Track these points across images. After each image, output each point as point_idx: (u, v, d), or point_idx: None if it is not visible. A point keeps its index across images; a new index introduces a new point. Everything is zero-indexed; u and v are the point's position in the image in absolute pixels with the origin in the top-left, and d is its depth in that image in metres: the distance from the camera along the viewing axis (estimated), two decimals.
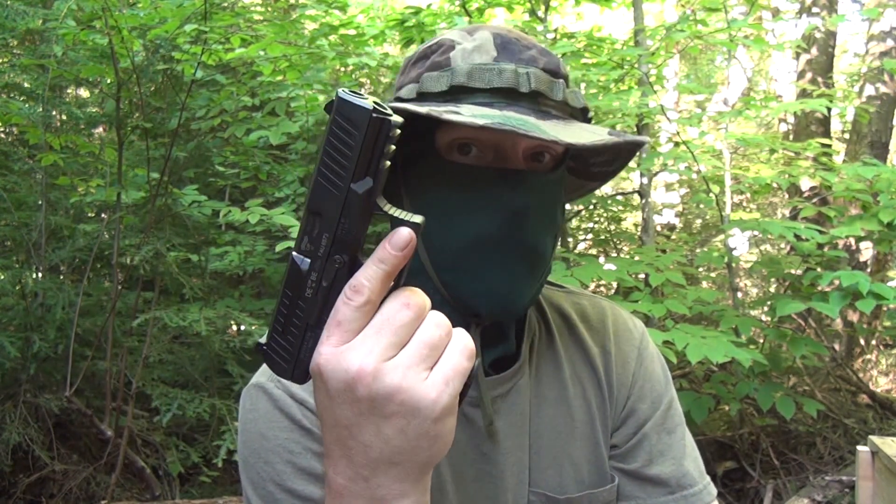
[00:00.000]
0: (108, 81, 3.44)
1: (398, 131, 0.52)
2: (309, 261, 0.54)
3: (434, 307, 0.77)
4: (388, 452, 0.53)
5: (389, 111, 0.52)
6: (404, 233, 0.53)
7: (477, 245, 0.73)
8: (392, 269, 0.53)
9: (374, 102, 0.51)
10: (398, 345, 0.52)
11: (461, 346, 0.54)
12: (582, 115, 0.78)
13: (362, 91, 0.78)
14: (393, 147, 0.52)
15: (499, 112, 0.69)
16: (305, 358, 0.56)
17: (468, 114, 0.67)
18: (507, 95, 0.72)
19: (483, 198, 0.72)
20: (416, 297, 0.54)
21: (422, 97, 0.75)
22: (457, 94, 0.73)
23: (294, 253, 0.55)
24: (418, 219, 0.54)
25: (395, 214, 0.54)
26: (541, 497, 0.80)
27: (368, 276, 0.52)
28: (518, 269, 0.73)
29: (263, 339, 0.58)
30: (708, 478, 0.88)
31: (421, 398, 0.51)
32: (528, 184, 0.72)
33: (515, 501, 0.79)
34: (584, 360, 0.88)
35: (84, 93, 4.49)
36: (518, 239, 0.73)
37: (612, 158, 0.84)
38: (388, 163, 0.53)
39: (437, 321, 0.54)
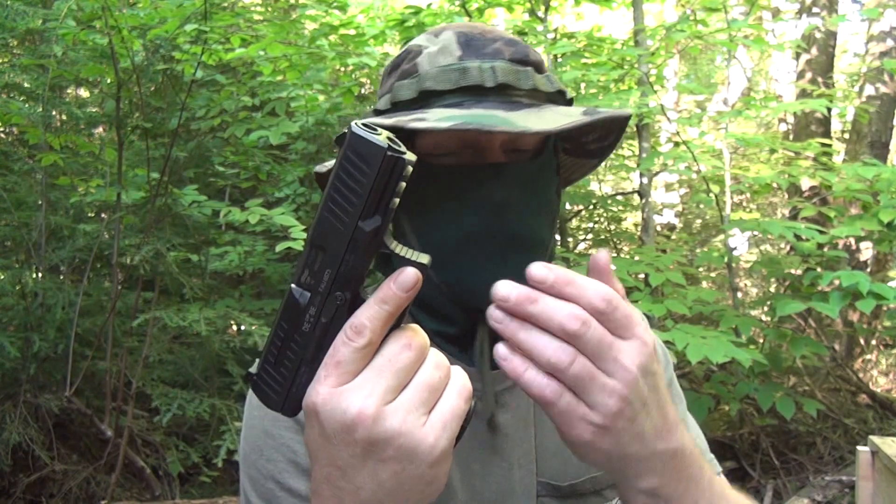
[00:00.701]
0: (108, 81, 3.44)
1: (411, 169, 0.51)
2: (309, 295, 0.53)
3: (440, 308, 0.78)
4: (380, 495, 0.52)
5: (403, 148, 0.51)
6: (410, 273, 0.52)
7: (468, 242, 0.73)
8: (395, 310, 0.52)
9: (388, 139, 0.50)
10: (398, 388, 0.52)
11: (458, 387, 0.54)
12: (561, 97, 0.78)
13: (371, 118, 0.76)
14: (404, 185, 0.51)
15: (466, 111, 0.69)
16: (298, 393, 0.55)
17: (434, 118, 0.68)
18: (474, 93, 0.73)
19: (466, 195, 0.73)
20: (417, 339, 0.53)
21: (395, 107, 0.76)
22: (426, 98, 0.74)
23: (293, 285, 0.53)
24: (425, 258, 0.53)
25: (402, 254, 0.53)
26: (546, 486, 0.80)
27: (371, 316, 0.51)
28: (512, 259, 0.73)
29: (254, 369, 0.57)
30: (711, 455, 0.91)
31: (419, 443, 0.51)
32: (507, 175, 0.73)
33: (524, 493, 0.79)
34: None
35: (84, 93, 4.49)
36: (506, 230, 0.73)
37: (605, 134, 0.84)
38: (398, 200, 0.52)
39: (437, 361, 0.54)
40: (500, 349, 0.56)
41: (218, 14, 3.05)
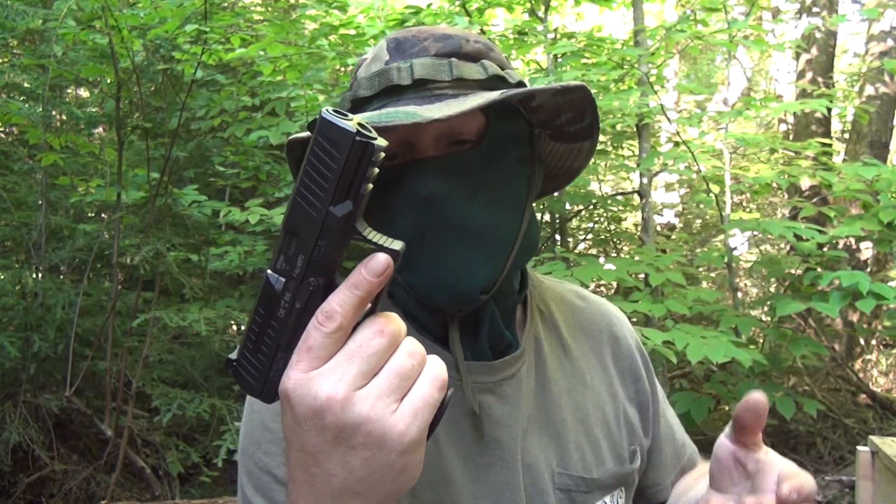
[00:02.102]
0: (108, 81, 3.44)
1: (382, 154, 0.51)
2: (284, 280, 0.53)
3: (412, 309, 0.78)
4: (351, 482, 0.52)
5: (374, 134, 0.51)
6: (381, 258, 0.52)
7: (413, 240, 0.72)
8: (366, 295, 0.52)
9: (359, 124, 0.50)
10: (369, 374, 0.52)
11: (432, 376, 0.53)
12: (501, 81, 0.77)
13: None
14: (376, 170, 0.51)
15: (379, 112, 0.70)
16: (275, 378, 0.55)
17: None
18: (392, 93, 0.74)
19: (401, 193, 0.73)
20: (390, 325, 0.53)
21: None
22: (359, 106, 0.76)
23: (269, 271, 0.53)
24: (398, 245, 0.53)
25: (375, 240, 0.53)
26: (573, 479, 0.81)
27: (341, 301, 0.52)
28: (457, 252, 0.73)
29: (234, 356, 0.57)
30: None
31: (388, 430, 0.51)
32: (440, 168, 0.72)
33: (535, 485, 0.79)
34: (591, 344, 0.90)
35: (84, 93, 4.49)
36: (444, 223, 0.72)
37: (578, 115, 0.82)
38: (371, 186, 0.52)
39: (410, 350, 0.53)
40: None
41: (218, 14, 3.05)
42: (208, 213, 3.50)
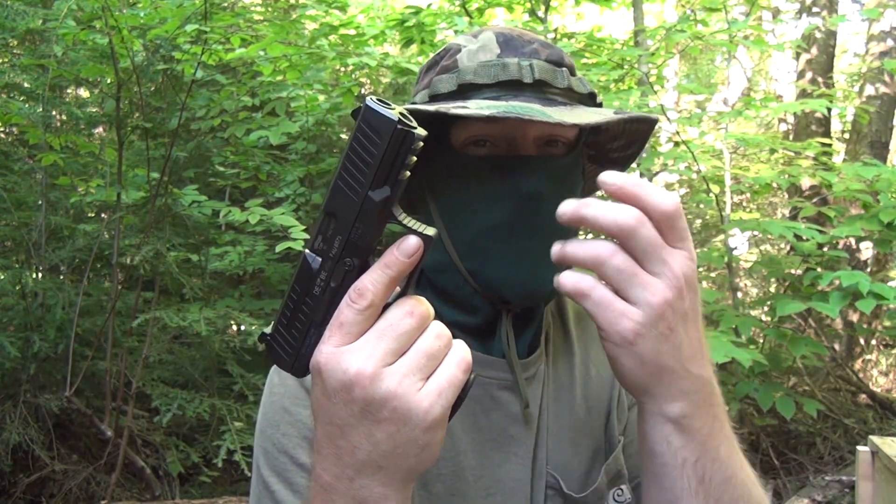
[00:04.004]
0: (108, 81, 3.43)
1: (422, 144, 0.53)
2: (320, 260, 0.56)
3: (464, 298, 0.80)
4: (375, 456, 0.54)
5: (414, 124, 0.53)
6: (413, 240, 0.54)
7: (496, 232, 0.75)
8: (397, 275, 0.54)
9: (400, 114, 0.52)
10: (398, 352, 0.54)
11: (458, 359, 0.55)
12: (590, 100, 0.80)
13: (389, 99, 0.77)
14: (415, 159, 0.53)
15: (505, 103, 0.71)
16: (307, 353, 0.57)
17: (475, 107, 0.70)
18: (512, 87, 0.75)
19: (497, 186, 0.75)
20: (420, 307, 0.55)
21: (433, 99, 0.78)
22: (466, 91, 0.76)
23: (307, 250, 0.56)
24: (431, 231, 0.55)
25: (410, 225, 0.55)
26: (556, 482, 0.81)
27: (373, 279, 0.54)
28: (538, 252, 0.74)
29: (268, 330, 0.59)
30: None
31: (413, 407, 0.53)
32: (539, 168, 0.74)
33: (543, 482, 0.80)
34: (597, 351, 0.90)
35: (84, 93, 4.49)
36: (535, 223, 0.74)
37: (629, 142, 0.86)
38: (409, 173, 0.54)
39: (438, 332, 0.55)
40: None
41: (218, 14, 3.05)
42: (208, 213, 3.50)
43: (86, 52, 3.27)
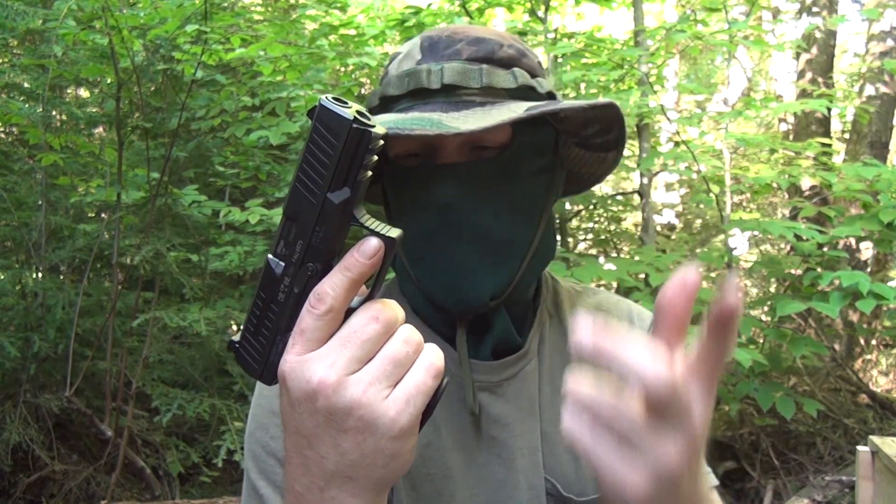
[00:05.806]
0: (108, 81, 3.43)
1: (381, 142, 0.52)
2: (283, 265, 0.54)
3: (419, 306, 0.80)
4: (342, 466, 0.53)
5: (372, 122, 0.51)
6: (373, 241, 0.52)
7: (423, 242, 0.75)
8: (358, 277, 0.52)
9: (357, 112, 0.51)
10: (362, 359, 0.52)
11: (427, 364, 0.53)
12: (531, 91, 0.77)
13: (362, 91, 0.77)
14: (375, 158, 0.51)
15: (405, 115, 0.71)
16: (275, 361, 0.56)
17: (379, 123, 0.69)
18: (421, 96, 0.75)
19: (419, 195, 0.75)
20: (386, 311, 0.53)
21: (371, 112, 0.79)
22: (387, 104, 0.77)
23: (270, 255, 0.54)
24: (395, 233, 0.53)
25: (372, 227, 0.53)
26: (553, 487, 0.80)
27: (333, 284, 0.52)
28: (466, 259, 0.74)
29: (236, 338, 0.58)
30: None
31: (380, 415, 0.51)
32: (455, 177, 0.73)
33: (529, 484, 0.79)
34: None
35: (84, 93, 4.49)
36: (452, 231, 0.73)
37: (605, 128, 0.83)
38: (370, 173, 0.52)
39: (406, 336, 0.53)
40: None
41: (218, 14, 3.05)
42: (208, 213, 3.50)
43: (86, 52, 3.27)
